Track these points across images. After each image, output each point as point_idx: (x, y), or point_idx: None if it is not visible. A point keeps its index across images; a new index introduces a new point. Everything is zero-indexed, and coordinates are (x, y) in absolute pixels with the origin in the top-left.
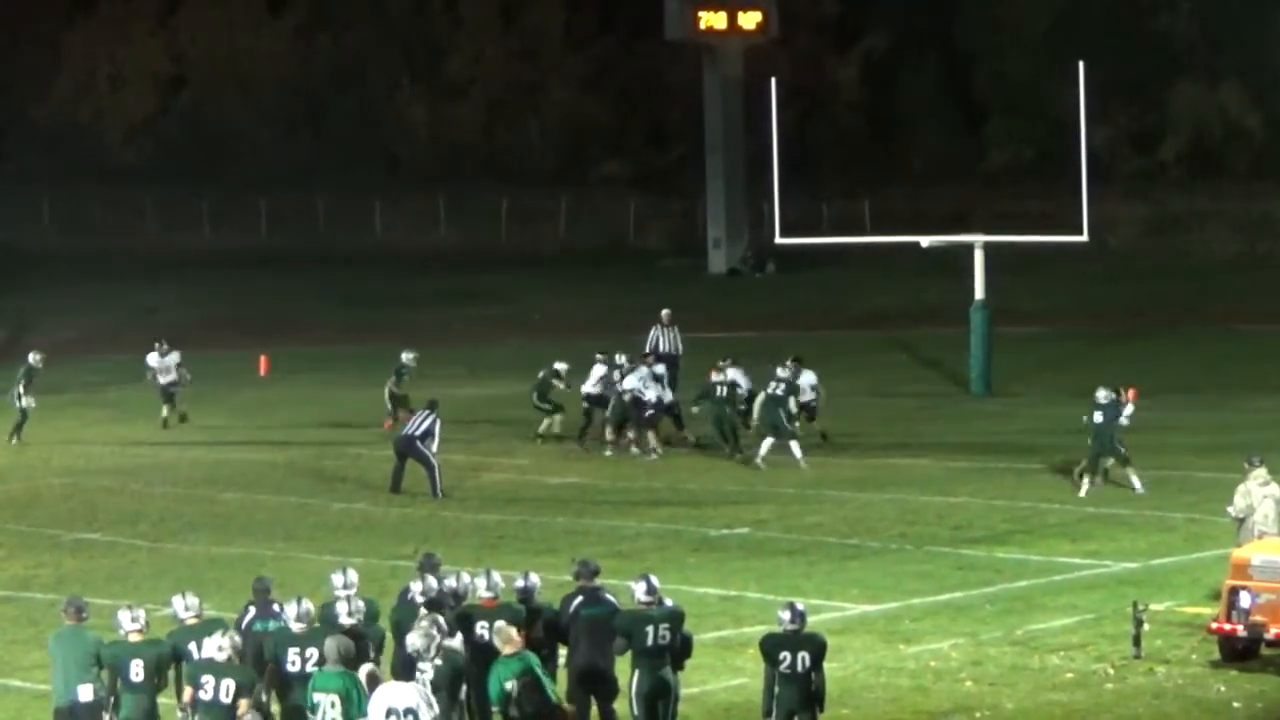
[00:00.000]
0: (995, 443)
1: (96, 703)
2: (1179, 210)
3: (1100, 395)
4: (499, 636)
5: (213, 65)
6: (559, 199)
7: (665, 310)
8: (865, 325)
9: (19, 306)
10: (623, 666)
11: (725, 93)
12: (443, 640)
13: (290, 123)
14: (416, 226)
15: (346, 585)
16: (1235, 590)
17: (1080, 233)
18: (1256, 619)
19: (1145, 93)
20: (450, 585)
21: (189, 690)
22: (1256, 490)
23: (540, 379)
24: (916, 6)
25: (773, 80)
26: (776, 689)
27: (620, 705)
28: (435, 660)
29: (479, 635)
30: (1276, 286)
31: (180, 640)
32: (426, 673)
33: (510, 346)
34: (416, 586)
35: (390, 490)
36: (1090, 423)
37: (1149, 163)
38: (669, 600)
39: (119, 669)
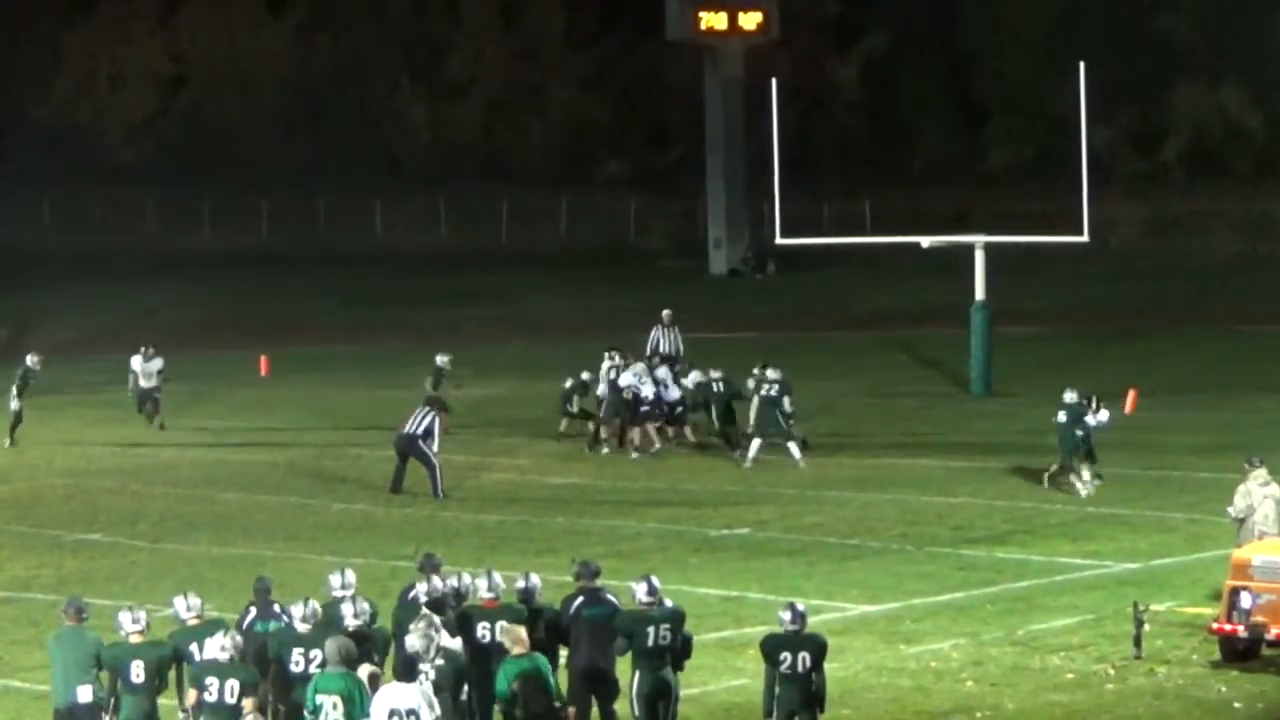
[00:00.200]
0: (995, 443)
1: (96, 704)
2: (1179, 210)
3: (1066, 396)
4: (508, 637)
5: (213, 65)
6: (559, 199)
7: (666, 311)
8: (865, 325)
9: (19, 306)
10: (623, 667)
11: (726, 93)
12: (440, 640)
13: (290, 123)
14: (417, 226)
15: (344, 586)
16: (1236, 591)
17: (1081, 233)
18: (1257, 619)
19: (1146, 93)
20: (452, 585)
21: (193, 692)
22: (1257, 490)
23: (566, 389)
24: (917, 7)
25: (773, 80)
26: (777, 689)
27: (621, 706)
28: (436, 661)
29: (479, 636)
30: (1277, 287)
31: (181, 641)
32: (428, 673)
33: (511, 346)
34: (421, 587)
35: (390, 490)
36: (1055, 423)
37: (1149, 163)
38: (669, 601)
39: (119, 670)
